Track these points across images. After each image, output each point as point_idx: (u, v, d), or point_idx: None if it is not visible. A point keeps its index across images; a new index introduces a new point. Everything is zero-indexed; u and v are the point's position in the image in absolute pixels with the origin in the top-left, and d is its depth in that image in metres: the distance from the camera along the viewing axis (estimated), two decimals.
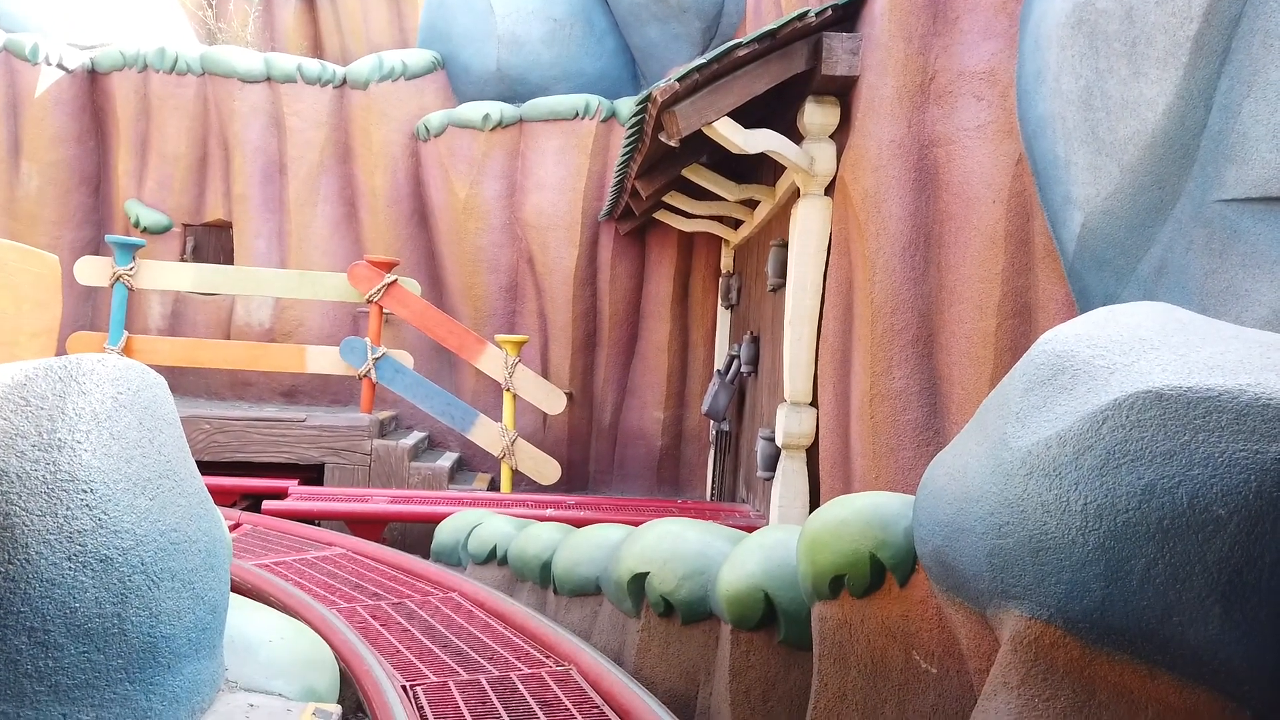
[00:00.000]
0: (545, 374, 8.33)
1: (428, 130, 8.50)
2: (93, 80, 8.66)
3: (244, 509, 6.70)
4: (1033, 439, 1.90)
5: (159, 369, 8.22)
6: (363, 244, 8.65)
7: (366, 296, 7.42)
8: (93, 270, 7.30)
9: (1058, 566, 1.76)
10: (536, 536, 4.66)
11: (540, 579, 4.47)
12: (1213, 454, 1.66)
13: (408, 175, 8.64)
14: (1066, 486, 1.78)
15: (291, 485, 6.82)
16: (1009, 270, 3.70)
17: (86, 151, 8.71)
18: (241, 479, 7.00)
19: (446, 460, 7.62)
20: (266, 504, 6.17)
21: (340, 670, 2.84)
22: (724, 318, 8.27)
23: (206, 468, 7.02)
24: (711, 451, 8.14)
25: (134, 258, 7.31)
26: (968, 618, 2.11)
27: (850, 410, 4.40)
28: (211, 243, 8.91)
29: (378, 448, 7.27)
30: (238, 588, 4.11)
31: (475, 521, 5.15)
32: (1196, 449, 1.68)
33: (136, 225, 8.59)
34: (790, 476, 5.10)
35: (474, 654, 3.55)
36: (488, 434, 7.49)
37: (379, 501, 6.45)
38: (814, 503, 4.99)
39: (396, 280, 7.46)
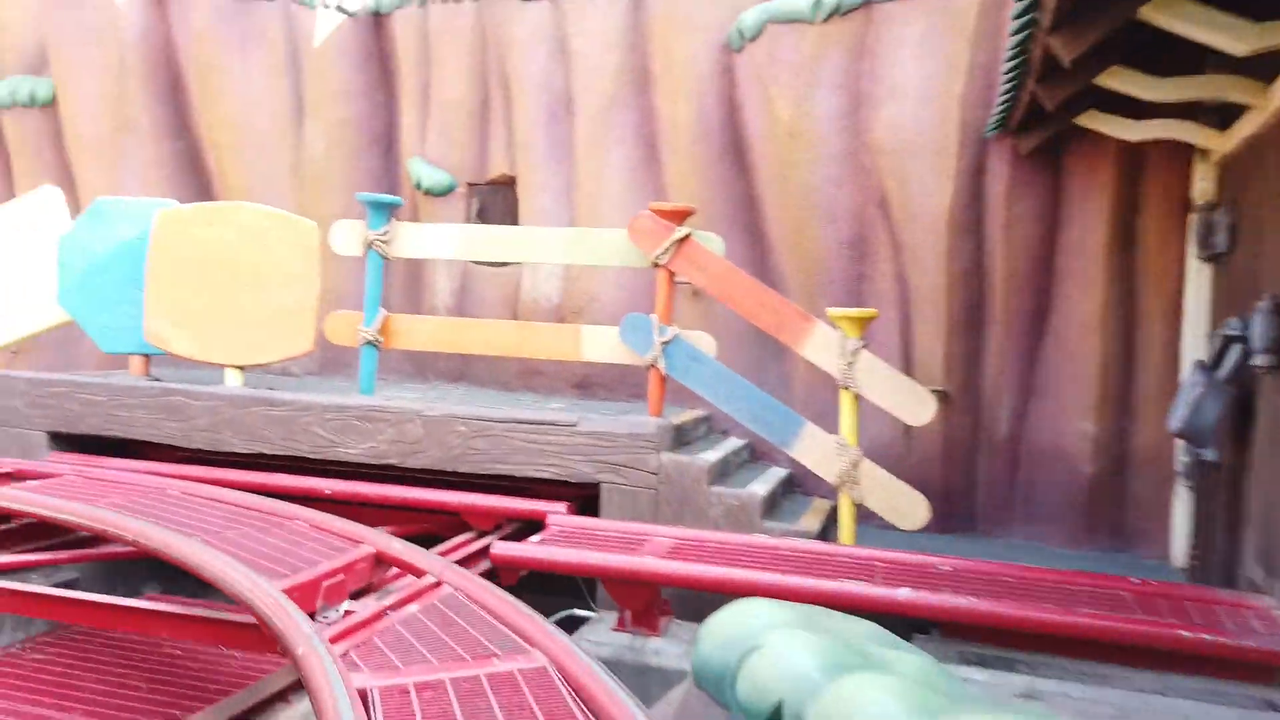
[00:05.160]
0: (906, 364, 5.83)
1: (741, 35, 6.32)
2: (376, 23, 7.61)
3: (503, 537, 5.07)
4: None
5: (423, 354, 7.15)
6: (664, 193, 6.71)
7: (652, 258, 5.45)
8: (347, 236, 6.10)
9: None
10: (872, 700, 2.30)
11: None
12: None
13: (718, 99, 6.52)
14: None
15: (553, 512, 5.06)
16: None
17: (375, 107, 7.68)
18: (501, 498, 5.36)
19: (763, 484, 5.42)
20: (496, 549, 4.42)
21: None
22: (1201, 276, 5.20)
23: (458, 482, 5.59)
24: (1184, 490, 5.16)
25: (390, 219, 5.98)
26: None
27: None
28: (498, 204, 7.49)
29: (667, 464, 5.26)
30: None
31: (756, 631, 2.90)
32: None
33: (418, 187, 7.41)
34: None
35: None
36: (817, 450, 5.18)
37: (653, 550, 4.44)
38: None
39: (690, 235, 5.39)
